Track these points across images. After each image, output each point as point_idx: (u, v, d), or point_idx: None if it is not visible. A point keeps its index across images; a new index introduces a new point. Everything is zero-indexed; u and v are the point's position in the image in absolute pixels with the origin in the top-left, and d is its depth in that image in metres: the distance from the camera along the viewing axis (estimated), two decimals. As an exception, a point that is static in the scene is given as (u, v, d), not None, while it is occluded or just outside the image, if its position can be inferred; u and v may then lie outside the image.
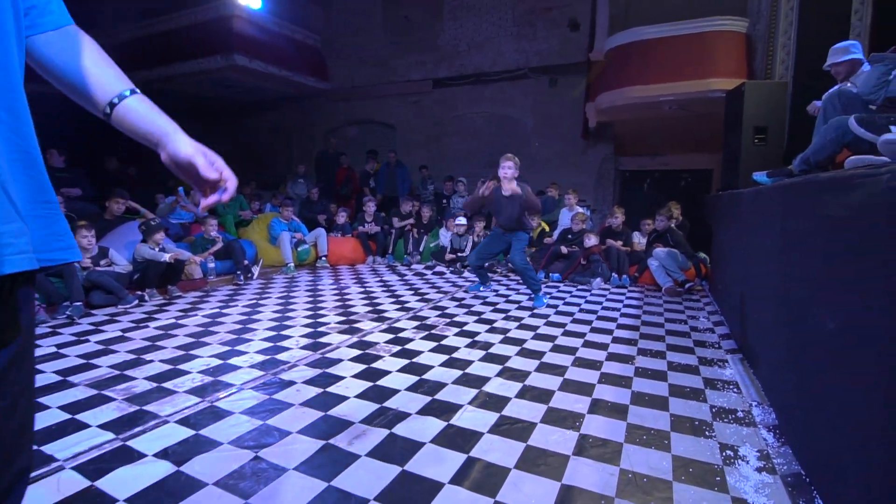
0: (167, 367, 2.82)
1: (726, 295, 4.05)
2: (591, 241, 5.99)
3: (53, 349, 3.12)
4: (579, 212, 6.55)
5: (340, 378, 2.63)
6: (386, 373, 2.72)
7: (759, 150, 4.95)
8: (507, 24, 9.22)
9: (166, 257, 4.43)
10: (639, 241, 6.20)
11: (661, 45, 6.46)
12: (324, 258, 6.69)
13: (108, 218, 5.32)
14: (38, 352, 3.06)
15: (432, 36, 9.94)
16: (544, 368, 2.82)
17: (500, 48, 9.31)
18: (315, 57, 10.96)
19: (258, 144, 12.37)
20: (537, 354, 3.07)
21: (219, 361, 2.90)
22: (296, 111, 11.69)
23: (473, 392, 2.46)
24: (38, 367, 2.76)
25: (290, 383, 2.56)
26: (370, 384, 2.55)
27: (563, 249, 6.13)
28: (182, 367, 2.82)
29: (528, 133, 9.29)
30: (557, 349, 3.19)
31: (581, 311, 4.32)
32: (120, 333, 3.51)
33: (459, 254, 6.88)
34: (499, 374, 2.72)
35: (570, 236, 6.33)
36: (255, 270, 5.74)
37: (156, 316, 4.01)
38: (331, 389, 2.48)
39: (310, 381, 2.58)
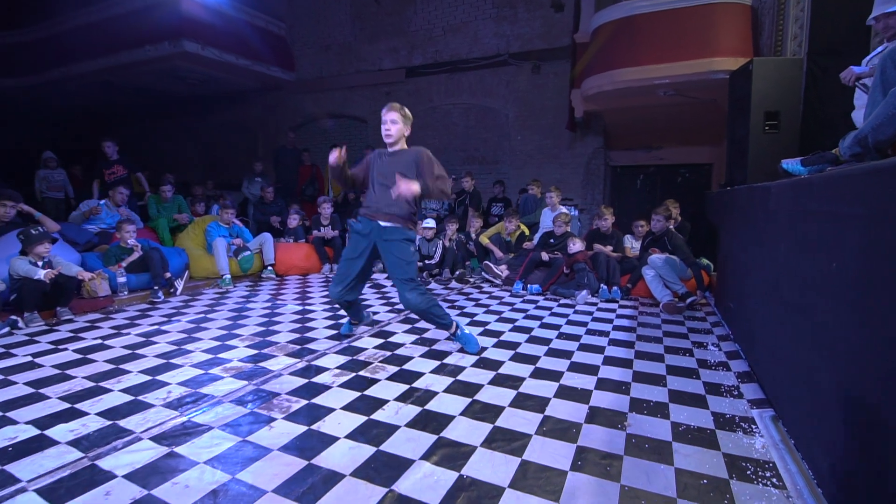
0: (-45, 442, 1.95)
1: (741, 316, 3.23)
2: (576, 246, 5.14)
3: None
4: (562, 212, 5.71)
5: (191, 465, 1.77)
6: (263, 453, 1.86)
7: (770, 138, 4.17)
8: (484, 6, 8.37)
9: (40, 274, 3.53)
10: (631, 245, 5.38)
11: (654, 20, 5.64)
12: (270, 268, 5.81)
13: (-5, 225, 4.41)
14: None
15: (404, 20, 9.07)
16: (496, 440, 1.97)
17: (478, 32, 8.46)
18: (280, 45, 10.05)
19: (220, 142, 11.44)
20: (492, 412, 2.22)
21: (35, 432, 2.03)
22: (260, 105, 10.79)
23: (378, 495, 1.60)
24: None
25: (110, 476, 1.69)
26: (228, 478, 1.69)
27: (545, 256, 5.29)
28: (-24, 442, 1.94)
29: (509, 125, 8.45)
30: (520, 402, 2.34)
31: (560, 336, 3.48)
32: (-56, 380, 2.63)
33: (427, 261, 6.04)
34: (428, 455, 1.86)
35: (552, 241, 5.48)
36: (179, 285, 4.85)
37: (14, 351, 3.12)
38: (165, 486, 1.61)
39: (145, 470, 1.70)
